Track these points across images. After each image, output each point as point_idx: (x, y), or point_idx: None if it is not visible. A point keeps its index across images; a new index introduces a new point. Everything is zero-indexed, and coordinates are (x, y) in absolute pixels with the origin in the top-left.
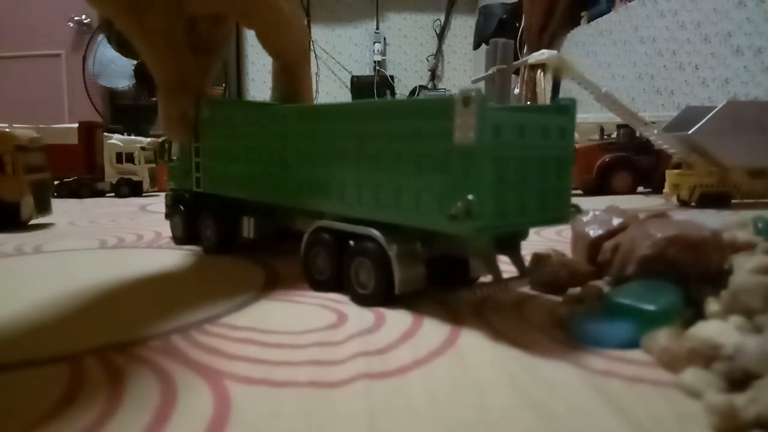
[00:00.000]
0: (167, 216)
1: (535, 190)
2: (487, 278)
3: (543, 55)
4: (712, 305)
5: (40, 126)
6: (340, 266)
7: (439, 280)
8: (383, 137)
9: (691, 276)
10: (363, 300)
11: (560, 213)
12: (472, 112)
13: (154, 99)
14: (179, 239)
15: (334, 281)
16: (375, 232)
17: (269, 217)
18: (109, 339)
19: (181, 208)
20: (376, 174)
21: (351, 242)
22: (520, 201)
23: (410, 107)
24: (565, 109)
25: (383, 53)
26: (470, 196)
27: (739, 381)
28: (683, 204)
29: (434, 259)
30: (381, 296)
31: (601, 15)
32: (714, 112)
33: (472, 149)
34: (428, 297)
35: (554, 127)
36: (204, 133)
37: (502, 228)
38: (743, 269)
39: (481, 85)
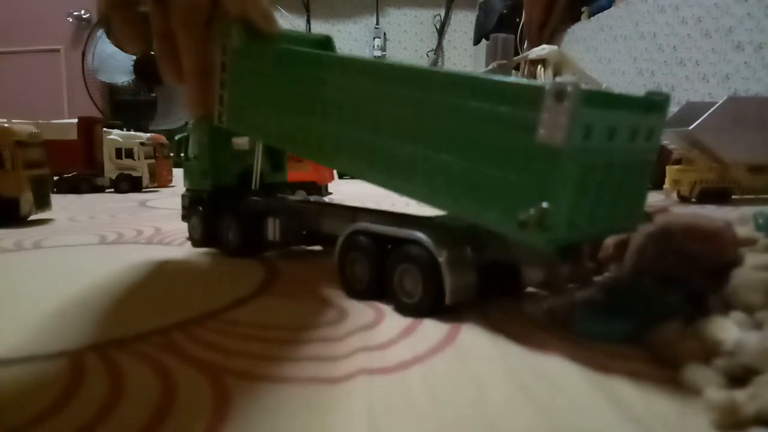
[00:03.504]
0: (184, 217)
1: (613, 198)
2: (537, 287)
3: (543, 50)
4: (713, 301)
5: (40, 121)
6: (382, 273)
7: (487, 287)
8: (453, 113)
9: (692, 271)
10: (409, 310)
11: (633, 222)
12: (565, 109)
13: (154, 95)
14: (198, 241)
15: (375, 289)
16: (422, 236)
17: (295, 218)
18: (109, 334)
19: (200, 209)
20: (435, 153)
21: (389, 246)
22: (596, 210)
23: (494, 86)
24: (657, 106)
25: (383, 49)
26: (545, 204)
27: (739, 377)
28: (683, 200)
29: (484, 265)
30: (429, 306)
31: (601, 10)
32: (715, 107)
33: (557, 151)
34: None
35: (643, 128)
36: (233, 65)
37: (574, 240)
38: (744, 265)
39: None
